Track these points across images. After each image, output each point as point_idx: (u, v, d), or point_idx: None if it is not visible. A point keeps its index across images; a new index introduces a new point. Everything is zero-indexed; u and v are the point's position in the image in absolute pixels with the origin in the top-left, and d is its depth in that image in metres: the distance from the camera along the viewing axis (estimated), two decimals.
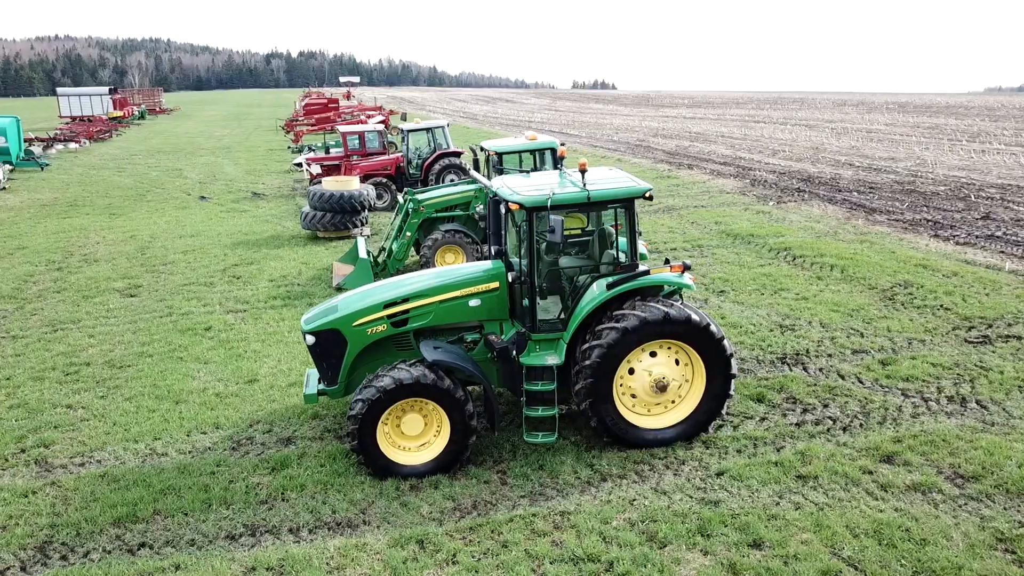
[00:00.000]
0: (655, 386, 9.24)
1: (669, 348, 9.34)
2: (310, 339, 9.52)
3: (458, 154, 26.56)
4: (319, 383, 9.85)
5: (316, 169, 29.92)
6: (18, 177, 37.87)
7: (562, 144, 13.51)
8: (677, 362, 9.38)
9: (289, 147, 46.93)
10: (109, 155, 48.37)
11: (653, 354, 9.29)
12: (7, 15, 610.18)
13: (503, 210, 9.76)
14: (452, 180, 24.97)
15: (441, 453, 9.07)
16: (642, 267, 9.48)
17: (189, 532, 8.06)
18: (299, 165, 34.89)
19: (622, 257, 9.57)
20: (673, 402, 9.52)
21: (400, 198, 18.61)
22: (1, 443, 10.07)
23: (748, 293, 15.10)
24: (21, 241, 22.96)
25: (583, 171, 9.42)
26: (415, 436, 9.13)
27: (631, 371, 9.27)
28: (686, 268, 9.53)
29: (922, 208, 23.12)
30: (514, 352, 9.31)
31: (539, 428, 9.38)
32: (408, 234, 17.23)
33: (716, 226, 20.89)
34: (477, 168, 16.00)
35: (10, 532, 8.14)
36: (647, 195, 9.29)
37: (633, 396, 9.35)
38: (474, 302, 9.62)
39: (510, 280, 9.49)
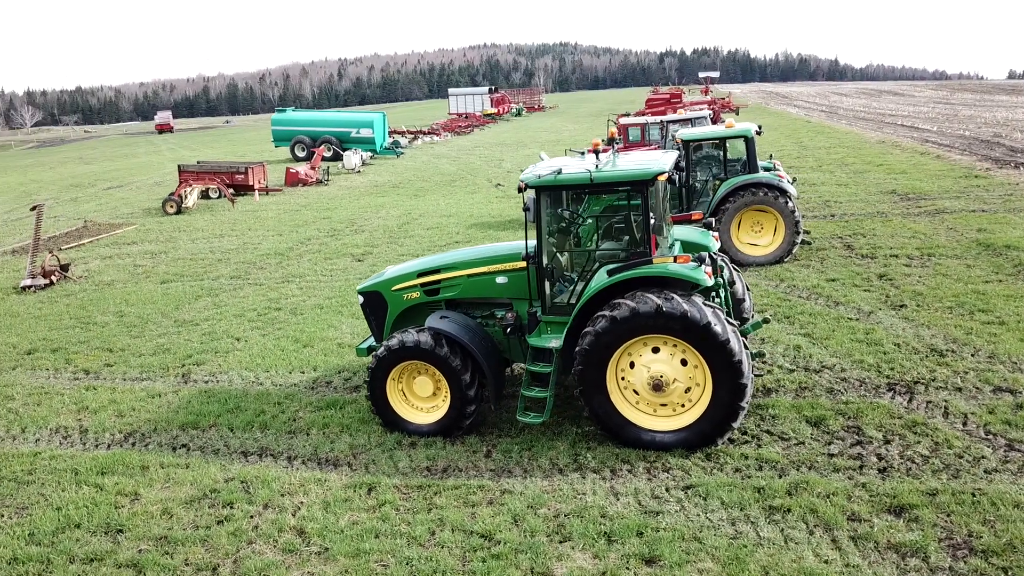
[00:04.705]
0: (651, 383, 8.64)
1: (675, 346, 8.63)
2: (360, 299, 10.64)
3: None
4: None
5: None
6: (375, 163, 45.21)
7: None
8: (684, 363, 8.63)
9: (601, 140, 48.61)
10: (458, 147, 54.94)
11: (656, 350, 8.68)
12: (449, 28, 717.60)
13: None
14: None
15: (442, 417, 9.59)
16: (660, 256, 8.86)
17: (220, 443, 9.75)
18: None
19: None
20: (683, 406, 8.79)
21: None
22: (173, 357, 12.96)
23: (933, 310, 12.58)
24: (330, 213, 27.79)
25: (596, 152, 9.11)
26: (425, 398, 9.75)
27: (632, 365, 8.78)
28: (700, 261, 8.66)
29: None
30: (507, 330, 9.40)
31: (533, 408, 9.33)
32: None
33: (976, 234, 17.33)
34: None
35: (123, 419, 10.65)
36: (659, 177, 8.66)
37: (636, 392, 8.84)
38: (501, 279, 9.87)
39: (524, 259, 9.55)
